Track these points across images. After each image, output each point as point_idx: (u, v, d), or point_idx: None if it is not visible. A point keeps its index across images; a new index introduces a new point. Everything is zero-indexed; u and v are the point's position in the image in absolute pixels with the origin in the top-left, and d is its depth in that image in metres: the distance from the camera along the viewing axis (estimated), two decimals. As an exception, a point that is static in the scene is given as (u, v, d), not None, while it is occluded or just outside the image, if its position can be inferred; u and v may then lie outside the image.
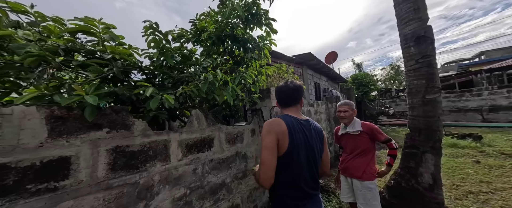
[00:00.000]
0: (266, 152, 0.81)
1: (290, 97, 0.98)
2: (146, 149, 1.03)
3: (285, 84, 1.01)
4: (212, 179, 1.43)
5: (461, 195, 2.39)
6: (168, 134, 1.17)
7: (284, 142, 0.83)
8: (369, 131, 1.56)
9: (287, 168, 0.84)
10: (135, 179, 0.96)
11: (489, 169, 3.21)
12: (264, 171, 0.80)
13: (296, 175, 0.85)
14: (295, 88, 0.98)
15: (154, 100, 1.00)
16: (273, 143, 0.81)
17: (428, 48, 1.87)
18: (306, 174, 0.88)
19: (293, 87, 0.98)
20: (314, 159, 0.91)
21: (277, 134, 0.83)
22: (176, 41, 1.82)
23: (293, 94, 0.98)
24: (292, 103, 0.99)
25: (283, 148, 0.83)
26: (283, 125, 0.85)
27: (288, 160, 0.84)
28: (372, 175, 1.52)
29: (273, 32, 2.11)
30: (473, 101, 9.37)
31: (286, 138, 0.83)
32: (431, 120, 1.83)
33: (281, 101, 1.02)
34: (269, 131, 0.84)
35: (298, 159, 0.85)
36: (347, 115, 1.65)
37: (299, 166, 0.86)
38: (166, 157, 1.14)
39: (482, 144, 4.80)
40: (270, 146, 0.81)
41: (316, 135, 0.96)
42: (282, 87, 1.01)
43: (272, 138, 0.82)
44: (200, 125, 1.43)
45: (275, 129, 0.84)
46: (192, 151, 1.32)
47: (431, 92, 1.84)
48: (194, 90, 1.34)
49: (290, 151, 0.83)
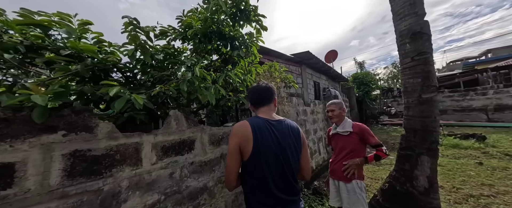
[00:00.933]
0: (228, 156, 0.86)
1: (262, 97, 0.97)
2: (112, 153, 0.96)
3: (256, 84, 1.03)
4: (192, 183, 1.36)
5: (461, 199, 2.28)
6: (140, 136, 1.10)
7: (248, 146, 0.81)
8: (359, 132, 1.47)
9: (253, 172, 0.84)
10: (98, 185, 0.90)
11: (492, 171, 3.09)
12: (226, 174, 0.87)
13: (263, 179, 0.82)
14: (266, 88, 0.98)
15: (120, 100, 0.93)
16: (235, 148, 0.83)
17: (425, 45, 1.76)
18: (276, 177, 0.83)
19: (264, 86, 0.99)
20: (287, 161, 0.85)
21: (240, 138, 0.83)
22: (159, 39, 1.75)
23: (265, 93, 0.97)
24: (265, 102, 0.98)
25: (247, 151, 0.82)
26: (247, 128, 0.84)
27: (253, 164, 0.83)
28: (359, 177, 1.44)
29: (263, 29, 2.03)
30: (477, 100, 9.14)
31: (250, 142, 0.81)
32: (427, 121, 1.73)
33: (253, 102, 1.02)
34: (233, 135, 0.86)
35: (266, 162, 0.82)
36: (335, 115, 1.58)
37: (267, 169, 0.82)
38: (137, 161, 1.07)
39: (486, 144, 4.65)
40: (231, 151, 0.84)
41: (291, 135, 0.90)
42: (253, 87, 1.03)
43: (234, 143, 0.83)
44: (179, 126, 1.36)
45: (238, 133, 0.85)
46: (169, 154, 1.25)
47: (427, 91, 1.74)
48: (172, 90, 1.27)
49: (254, 154, 0.81)
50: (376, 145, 1.42)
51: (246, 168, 0.84)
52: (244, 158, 0.83)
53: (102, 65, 1.21)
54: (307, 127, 3.71)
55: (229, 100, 1.96)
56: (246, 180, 0.85)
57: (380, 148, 1.41)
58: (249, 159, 0.82)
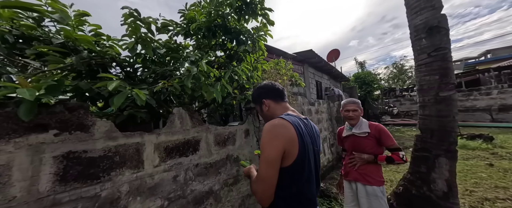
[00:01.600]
0: (267, 166, 0.66)
1: (282, 91, 0.89)
2: (111, 154, 0.87)
3: (271, 81, 0.95)
4: (197, 186, 1.26)
5: (476, 202, 2.18)
6: (141, 136, 1.00)
7: (293, 149, 0.68)
8: (377, 133, 1.37)
9: (296, 181, 0.70)
10: (95, 191, 0.80)
11: (504, 172, 2.99)
12: (263, 189, 0.67)
13: (305, 185, 0.72)
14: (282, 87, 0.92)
15: (120, 96, 0.83)
16: (278, 155, 0.66)
17: (442, 40, 1.66)
18: (313, 184, 0.76)
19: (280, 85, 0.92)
20: (318, 162, 0.81)
21: (286, 140, 0.67)
22: (161, 32, 1.66)
23: (283, 88, 0.90)
24: (285, 97, 0.90)
25: (291, 156, 0.68)
26: (290, 127, 0.70)
27: (297, 172, 0.69)
28: (379, 180, 1.34)
29: (270, 23, 1.93)
30: (481, 100, 9.04)
31: (296, 144, 0.68)
32: (445, 120, 1.63)
33: (273, 96, 0.88)
34: (274, 138, 0.67)
35: (308, 165, 0.72)
36: (356, 115, 1.45)
37: (308, 173, 0.73)
38: (138, 163, 0.97)
39: (494, 145, 4.55)
40: (273, 159, 0.66)
41: (315, 135, 0.84)
42: (268, 83, 0.93)
43: (278, 148, 0.66)
44: (183, 125, 1.26)
45: (282, 135, 0.68)
46: (173, 156, 1.16)
47: (445, 89, 1.64)
48: (176, 86, 1.17)
49: (299, 158, 0.68)
50: (394, 149, 1.32)
51: (284, 175, 0.67)
52: (285, 164, 0.67)
53: (100, 59, 1.12)
54: (312, 127, 3.62)
55: (234, 98, 1.86)
56: (280, 189, 0.68)
57: (397, 152, 1.30)
58: (291, 165, 0.68)
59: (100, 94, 1.08)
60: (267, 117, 0.89)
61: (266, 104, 0.88)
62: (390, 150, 1.34)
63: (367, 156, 1.36)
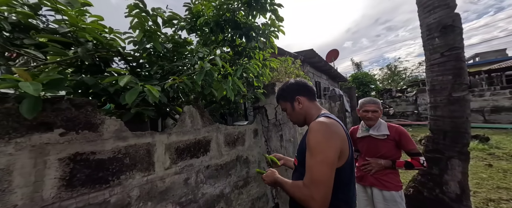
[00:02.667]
0: (327, 168, 0.61)
1: (314, 91, 0.88)
2: (120, 156, 0.79)
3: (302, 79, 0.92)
4: (208, 189, 1.19)
5: (481, 203, 2.19)
6: (152, 136, 0.93)
7: (346, 149, 0.66)
8: (397, 136, 1.29)
9: (344, 181, 0.68)
10: (104, 197, 0.72)
11: (504, 173, 3.04)
12: (325, 193, 0.60)
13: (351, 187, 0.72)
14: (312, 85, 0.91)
15: (132, 92, 0.75)
16: (336, 155, 0.62)
17: (456, 39, 1.64)
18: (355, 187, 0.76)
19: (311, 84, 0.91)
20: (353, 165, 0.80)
21: (342, 140, 0.65)
22: (167, 26, 1.57)
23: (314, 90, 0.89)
24: (316, 98, 0.88)
25: (344, 156, 0.66)
26: (341, 127, 0.69)
27: (347, 173, 0.68)
28: (397, 185, 1.29)
29: (279, 20, 1.86)
30: (475, 102, 9.25)
31: (347, 145, 0.67)
32: (459, 121, 1.61)
33: (308, 93, 0.86)
34: (330, 137, 0.63)
35: (352, 168, 0.71)
36: (375, 116, 1.36)
37: (353, 175, 0.73)
38: (149, 165, 0.89)
39: (490, 146, 4.64)
40: (332, 159, 0.61)
41: None
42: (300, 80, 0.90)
43: (336, 148, 0.63)
44: (194, 124, 1.19)
45: (337, 134, 0.65)
46: (184, 157, 1.08)
47: (458, 90, 1.62)
48: (187, 82, 1.09)
49: (350, 160, 0.69)
50: (415, 153, 1.25)
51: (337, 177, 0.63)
52: (340, 164, 0.65)
53: (105, 51, 1.03)
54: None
55: (243, 97, 1.79)
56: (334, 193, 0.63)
57: (417, 158, 1.22)
58: (343, 166, 0.66)
59: (106, 90, 0.99)
60: (298, 116, 0.85)
61: (301, 102, 0.83)
62: (410, 154, 1.27)
63: (384, 161, 1.29)
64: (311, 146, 0.63)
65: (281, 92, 0.91)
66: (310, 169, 0.62)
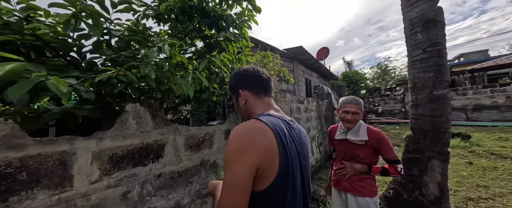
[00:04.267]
0: (232, 191, 0.45)
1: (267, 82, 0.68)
2: (10, 171, 0.60)
3: (254, 67, 0.70)
4: (159, 203, 1.02)
5: (460, 202, 2.17)
6: (70, 142, 0.74)
7: (272, 167, 0.48)
8: (375, 142, 1.17)
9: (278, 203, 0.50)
10: (-22, 226, 0.54)
11: (483, 171, 3.08)
12: None
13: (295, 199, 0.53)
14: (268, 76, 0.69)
15: (20, 85, 0.57)
16: (249, 175, 0.45)
17: (438, 35, 1.55)
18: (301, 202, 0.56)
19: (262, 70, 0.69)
20: (308, 179, 0.61)
21: (260, 154, 0.47)
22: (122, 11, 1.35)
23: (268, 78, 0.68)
24: (270, 91, 0.69)
25: (269, 177, 0.48)
26: (269, 134, 0.50)
27: (276, 198, 0.49)
28: (371, 190, 1.18)
29: (256, 10, 1.70)
30: (458, 100, 9.59)
31: (276, 159, 0.48)
32: (439, 120, 1.54)
33: (255, 86, 0.67)
34: (244, 149, 0.47)
35: (294, 191, 0.52)
36: (355, 118, 1.22)
37: (294, 197, 0.52)
38: (63, 180, 0.71)
39: (471, 143, 4.76)
40: (240, 181, 0.45)
41: (305, 140, 0.65)
42: (250, 69, 0.69)
43: (250, 165, 0.45)
44: (141, 126, 1.01)
45: (256, 146, 0.47)
46: (123, 166, 0.90)
47: (439, 87, 1.54)
48: (130, 76, 0.91)
49: (282, 180, 0.49)
50: (393, 161, 1.15)
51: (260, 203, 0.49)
52: (260, 187, 0.48)
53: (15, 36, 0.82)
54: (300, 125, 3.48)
55: (214, 94, 1.62)
56: None
57: (395, 165, 1.13)
58: (269, 188, 0.48)
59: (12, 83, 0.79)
60: (244, 114, 0.69)
61: (243, 97, 0.66)
62: (388, 161, 1.17)
63: (359, 166, 1.19)
64: (224, 160, 0.49)
65: (230, 81, 0.74)
66: (221, 191, 0.47)
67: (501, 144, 4.63)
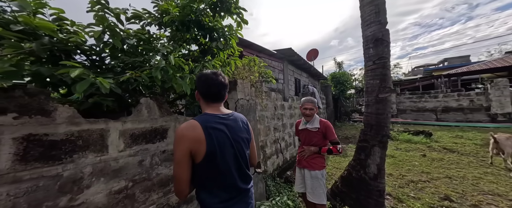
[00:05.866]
0: (175, 165, 0.77)
1: (220, 92, 0.88)
2: (73, 138, 0.93)
3: (213, 74, 0.87)
4: (163, 170, 1.37)
5: (404, 184, 2.72)
6: (106, 123, 1.07)
7: (200, 148, 0.76)
8: (324, 129, 1.67)
9: (210, 171, 0.80)
10: (57, 171, 0.87)
11: (432, 161, 3.70)
12: (175, 185, 0.79)
13: (222, 175, 0.82)
14: (224, 84, 0.89)
15: (82, 83, 0.89)
16: (185, 154, 0.75)
17: (384, 51, 2.00)
18: (234, 171, 0.84)
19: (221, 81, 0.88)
20: (242, 153, 0.87)
21: (190, 142, 0.75)
22: (131, 22, 1.65)
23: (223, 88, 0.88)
24: (220, 100, 0.91)
25: (200, 153, 0.76)
26: (196, 129, 0.77)
27: (210, 164, 0.79)
28: (320, 166, 1.64)
29: (244, 22, 2.05)
30: (430, 102, 10.58)
31: (202, 143, 0.76)
32: (381, 117, 2.00)
33: (205, 95, 0.88)
34: (179, 141, 0.76)
35: (222, 158, 0.80)
36: (311, 113, 1.72)
37: (225, 165, 0.81)
38: (102, 147, 1.04)
39: (431, 140, 5.49)
40: (179, 158, 0.76)
41: (242, 127, 0.93)
42: (209, 76, 0.87)
43: (183, 149, 0.75)
44: (151, 114, 1.34)
45: (187, 137, 0.76)
46: (139, 142, 1.24)
47: (383, 92, 2.00)
48: (144, 77, 1.24)
49: (209, 154, 0.77)
50: (334, 142, 1.64)
51: (200, 169, 0.78)
52: (197, 161, 0.76)
53: (62, 46, 1.12)
54: (284, 121, 3.91)
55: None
56: (200, 181, 0.80)
57: (336, 146, 1.62)
58: (203, 160, 0.76)
59: (63, 81, 1.10)
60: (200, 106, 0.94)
61: (197, 96, 0.91)
62: (331, 143, 1.65)
63: (313, 148, 1.67)
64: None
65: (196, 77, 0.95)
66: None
67: (455, 141, 5.40)
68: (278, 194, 2.40)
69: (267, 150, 3.01)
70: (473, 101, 9.32)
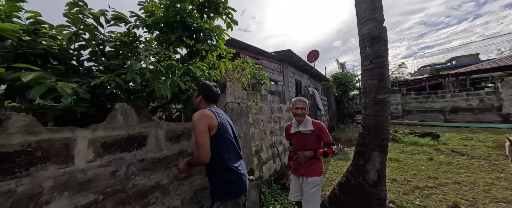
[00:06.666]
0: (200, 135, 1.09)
1: (217, 99, 1.36)
2: (30, 149, 0.85)
3: (214, 86, 1.35)
4: (141, 181, 1.28)
5: (409, 190, 2.54)
6: (72, 131, 0.99)
7: (213, 123, 1.15)
8: (318, 130, 1.54)
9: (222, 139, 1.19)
10: (8, 186, 0.79)
11: (439, 165, 3.49)
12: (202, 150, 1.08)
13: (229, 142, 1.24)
14: (219, 94, 1.39)
15: (39, 88, 0.82)
16: (206, 127, 1.11)
17: (381, 49, 1.88)
18: (234, 142, 1.28)
19: (219, 92, 1.39)
20: (234, 132, 1.34)
21: (208, 118, 1.15)
22: (112, 25, 1.60)
23: (218, 98, 1.36)
24: (215, 102, 1.36)
25: (214, 126, 1.16)
26: (210, 112, 1.20)
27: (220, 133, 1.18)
28: (319, 171, 1.54)
29: (234, 23, 1.97)
30: (438, 103, 10.22)
31: (215, 120, 1.17)
32: (380, 119, 1.86)
33: (208, 99, 1.32)
34: (201, 119, 1.12)
35: (226, 130, 1.24)
36: (303, 113, 1.59)
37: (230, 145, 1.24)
38: (67, 158, 0.96)
39: (439, 142, 5.23)
40: (203, 130, 1.10)
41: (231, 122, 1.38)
42: (212, 88, 1.33)
43: (204, 123, 1.11)
44: (127, 121, 1.26)
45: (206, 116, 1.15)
46: (113, 151, 1.16)
47: (381, 92, 1.87)
48: (118, 81, 1.17)
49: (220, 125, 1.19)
50: (329, 143, 1.50)
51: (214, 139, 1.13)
52: (212, 133, 1.13)
53: (30, 50, 1.06)
54: (282, 124, 3.78)
55: (193, 95, 1.88)
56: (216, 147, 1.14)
57: (330, 147, 1.49)
58: (216, 131, 1.15)
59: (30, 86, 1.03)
60: (195, 104, 1.39)
61: (199, 99, 1.33)
62: (325, 143, 1.53)
63: (308, 153, 1.54)
64: (193, 128, 1.13)
65: (200, 85, 1.39)
66: (195, 140, 1.10)
67: (465, 143, 5.12)
68: (273, 202, 2.27)
69: (262, 155, 2.88)
70: (483, 101, 8.93)
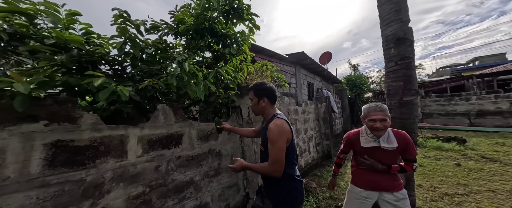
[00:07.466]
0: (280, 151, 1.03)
1: (276, 96, 1.24)
2: (96, 144, 0.97)
3: (271, 84, 1.24)
4: (178, 176, 1.38)
5: (437, 197, 2.42)
6: (125, 129, 1.11)
7: (289, 136, 1.10)
8: (403, 144, 1.19)
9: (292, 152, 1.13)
10: (81, 176, 0.91)
11: (468, 172, 3.27)
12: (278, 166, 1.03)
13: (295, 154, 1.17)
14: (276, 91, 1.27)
15: (105, 91, 0.94)
16: (285, 143, 1.06)
17: (407, 50, 1.85)
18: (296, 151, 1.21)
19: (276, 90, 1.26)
20: None
21: (288, 134, 1.08)
22: (150, 33, 1.75)
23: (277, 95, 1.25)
24: (275, 101, 1.24)
25: (289, 139, 1.10)
26: (288, 125, 1.11)
27: (291, 146, 1.11)
28: (401, 183, 1.30)
29: (256, 27, 2.06)
30: (461, 105, 9.57)
31: (290, 133, 1.11)
32: (407, 122, 1.82)
33: (273, 99, 1.22)
34: (282, 134, 1.05)
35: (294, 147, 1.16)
36: (385, 125, 1.19)
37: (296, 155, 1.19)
38: (122, 153, 1.08)
39: (466, 147, 4.90)
40: (283, 146, 1.04)
41: None
42: (272, 86, 1.22)
43: (284, 139, 1.05)
44: (167, 120, 1.37)
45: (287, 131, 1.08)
46: (156, 148, 1.27)
47: (408, 94, 1.83)
48: (160, 84, 1.28)
49: (292, 143, 1.12)
50: (411, 160, 1.23)
51: (288, 151, 1.08)
52: (287, 145, 1.08)
53: (89, 57, 1.21)
54: (298, 126, 3.79)
55: (219, 97, 1.98)
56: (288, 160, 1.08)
57: (411, 164, 1.21)
58: (289, 146, 1.09)
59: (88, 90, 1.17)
60: (258, 109, 1.23)
61: (264, 101, 1.20)
62: (410, 160, 1.22)
63: (381, 167, 1.23)
64: (271, 139, 1.03)
65: (257, 87, 1.23)
66: (271, 154, 1.03)
67: (496, 148, 4.75)
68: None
69: (281, 156, 2.91)
70: (515, 103, 8.22)
